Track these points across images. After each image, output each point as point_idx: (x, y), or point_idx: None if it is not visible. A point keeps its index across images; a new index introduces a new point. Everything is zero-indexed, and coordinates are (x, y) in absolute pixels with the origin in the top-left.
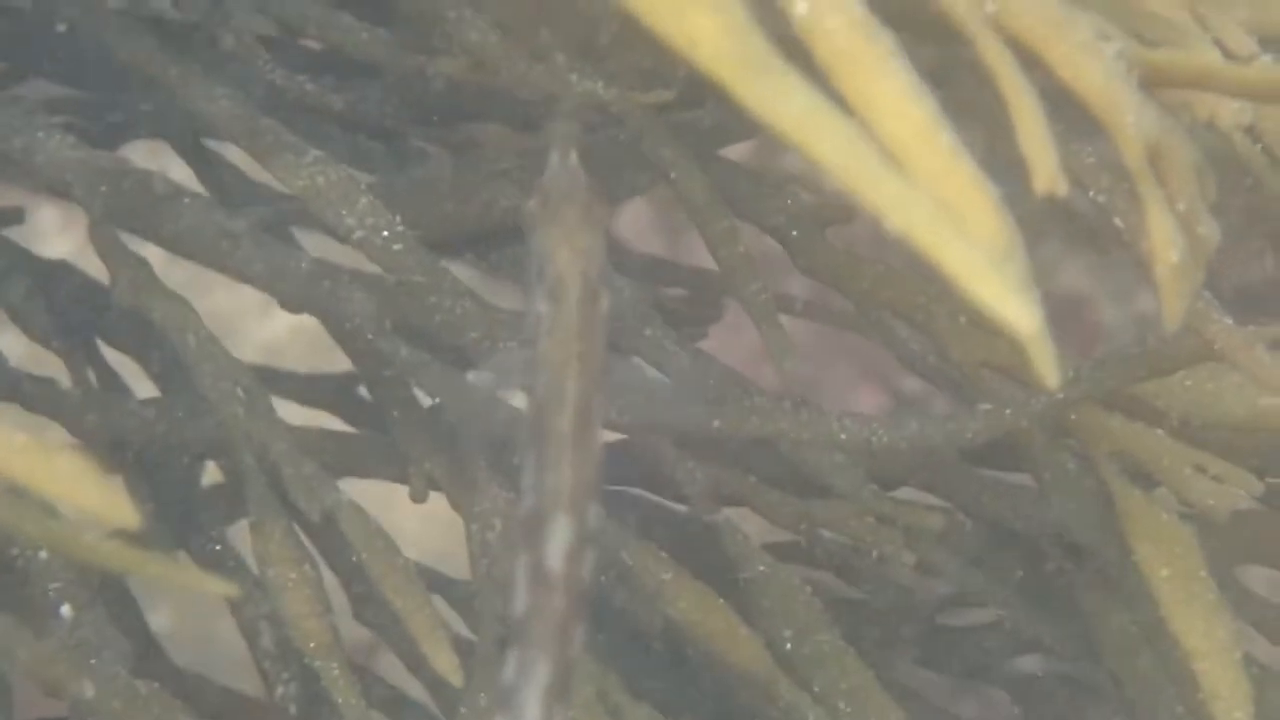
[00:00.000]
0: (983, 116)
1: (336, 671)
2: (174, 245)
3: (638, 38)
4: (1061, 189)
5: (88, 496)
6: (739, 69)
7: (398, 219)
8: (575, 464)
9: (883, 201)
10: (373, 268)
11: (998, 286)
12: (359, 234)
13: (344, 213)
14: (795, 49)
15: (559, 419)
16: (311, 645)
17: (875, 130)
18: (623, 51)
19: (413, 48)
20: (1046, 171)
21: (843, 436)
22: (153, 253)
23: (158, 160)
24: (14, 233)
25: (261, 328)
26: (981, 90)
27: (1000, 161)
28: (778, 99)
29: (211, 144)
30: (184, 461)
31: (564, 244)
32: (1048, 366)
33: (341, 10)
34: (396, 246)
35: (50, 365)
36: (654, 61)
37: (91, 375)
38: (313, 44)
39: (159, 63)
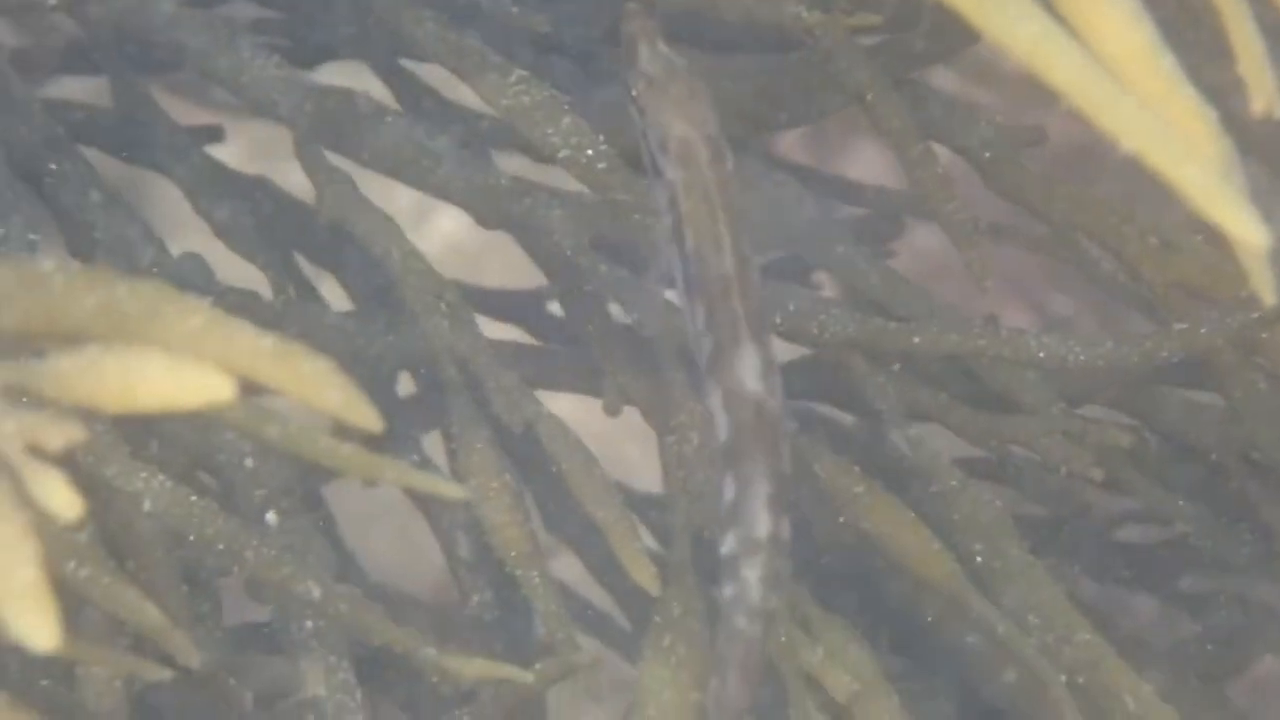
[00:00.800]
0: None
1: (537, 580)
2: (375, 163)
3: None
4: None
5: (332, 399)
6: None
7: (601, 138)
8: (745, 298)
9: (1117, 124)
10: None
11: (1230, 205)
12: (564, 153)
13: (549, 131)
14: None
15: (719, 262)
16: (513, 554)
17: (1098, 54)
18: None
19: None
20: (1265, 93)
21: (1041, 355)
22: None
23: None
24: None
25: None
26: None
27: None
28: (1013, 23)
29: (407, 64)
30: (382, 373)
31: (679, 114)
32: (1265, 284)
33: None
34: (601, 165)
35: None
36: None
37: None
38: None
39: None
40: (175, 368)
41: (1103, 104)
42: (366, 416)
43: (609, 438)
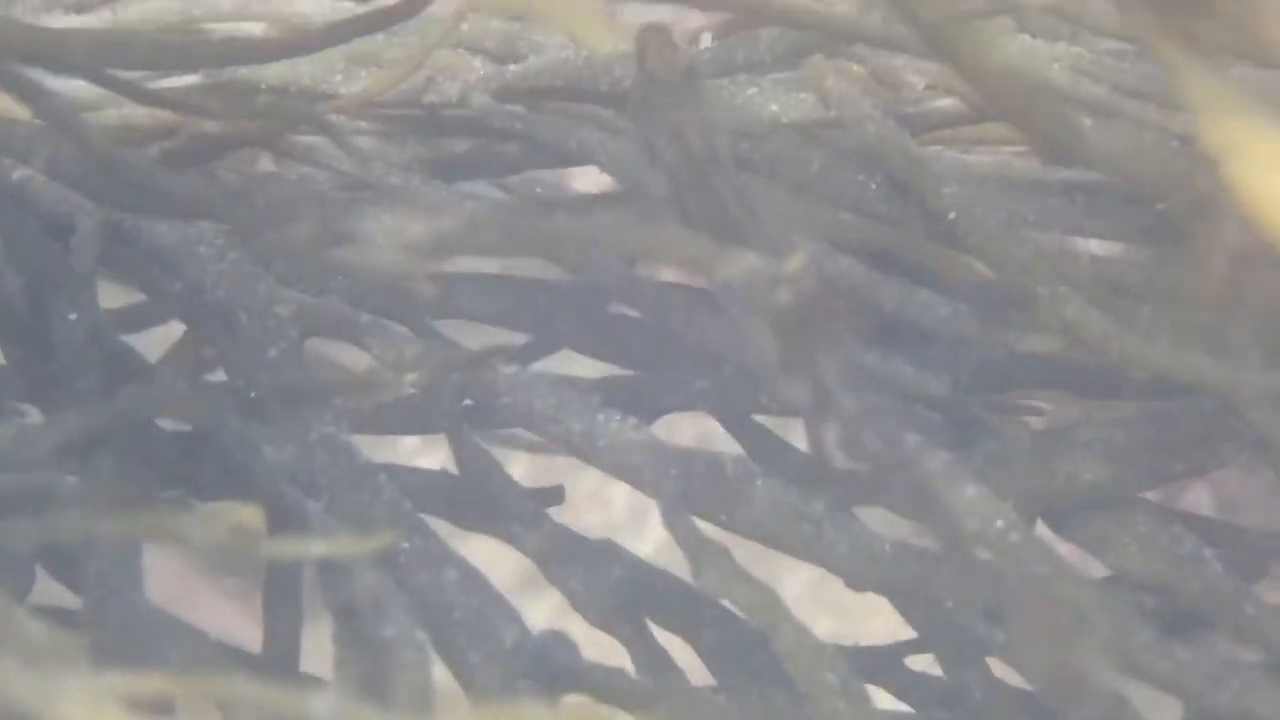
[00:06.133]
0: None
1: None
2: (748, 529)
3: None
4: None
5: None
6: None
7: (1009, 505)
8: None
9: None
10: None
11: None
12: (972, 525)
13: (951, 500)
14: None
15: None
16: None
17: None
18: None
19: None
20: None
21: None
22: None
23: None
24: None
25: None
26: None
27: None
28: None
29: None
30: None
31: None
32: None
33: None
34: (1013, 536)
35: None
36: None
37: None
38: None
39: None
40: None
41: None
42: None
43: None
